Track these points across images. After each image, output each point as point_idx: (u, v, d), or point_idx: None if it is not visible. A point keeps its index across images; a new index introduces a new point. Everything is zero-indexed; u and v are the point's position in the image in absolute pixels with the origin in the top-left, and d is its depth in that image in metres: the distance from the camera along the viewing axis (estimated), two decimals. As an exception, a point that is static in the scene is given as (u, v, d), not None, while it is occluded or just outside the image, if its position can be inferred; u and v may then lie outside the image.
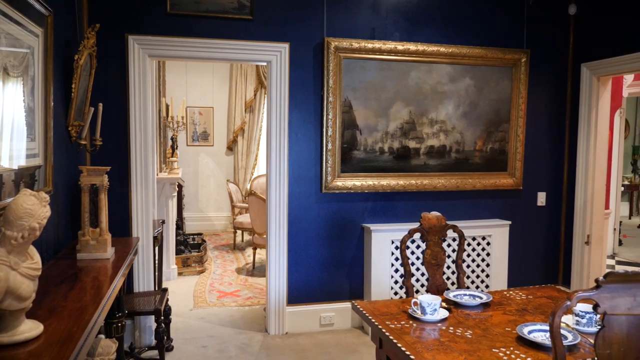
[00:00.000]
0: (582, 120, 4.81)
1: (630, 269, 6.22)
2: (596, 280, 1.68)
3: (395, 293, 4.34)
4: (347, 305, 4.33)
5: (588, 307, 2.23)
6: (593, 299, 1.68)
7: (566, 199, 5.00)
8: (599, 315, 1.69)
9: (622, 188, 8.74)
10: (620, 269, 6.48)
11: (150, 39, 3.90)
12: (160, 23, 3.93)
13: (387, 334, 2.24)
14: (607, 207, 6.03)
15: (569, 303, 1.67)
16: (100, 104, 3.48)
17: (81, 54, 3.09)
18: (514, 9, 4.70)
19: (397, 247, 4.29)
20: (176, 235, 6.25)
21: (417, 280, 4.37)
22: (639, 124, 11.31)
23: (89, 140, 3.61)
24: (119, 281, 2.53)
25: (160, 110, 6.32)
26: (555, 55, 4.89)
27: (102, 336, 2.97)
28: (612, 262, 7.04)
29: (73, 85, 3.09)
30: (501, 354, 2.02)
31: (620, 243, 7.85)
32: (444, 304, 2.56)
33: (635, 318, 1.70)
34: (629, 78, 6.75)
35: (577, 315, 2.28)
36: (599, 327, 1.71)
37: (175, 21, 3.96)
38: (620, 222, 7.98)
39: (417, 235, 3.13)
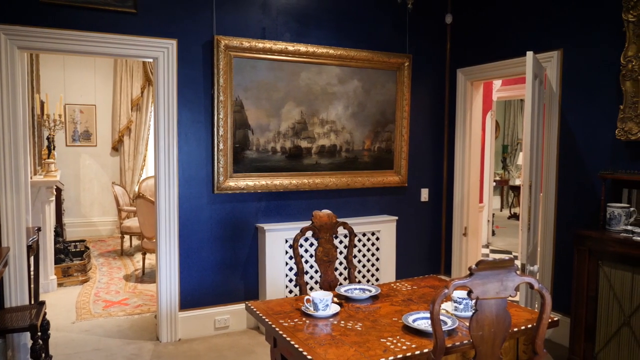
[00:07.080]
0: (458, 122, 5.20)
1: (500, 256, 6.86)
2: (469, 269, 1.83)
3: (290, 291, 4.39)
4: (242, 306, 4.29)
5: (464, 294, 2.42)
6: (467, 285, 1.83)
7: (446, 194, 5.38)
8: (473, 301, 1.84)
9: (494, 183, 9.62)
10: (493, 256, 7.12)
11: (19, 29, 3.56)
12: (32, 12, 3.60)
13: (280, 332, 2.26)
14: (481, 201, 6.59)
15: (446, 291, 1.80)
16: (-41, 100, 3.12)
17: None
18: (397, 15, 4.95)
19: (290, 246, 4.34)
20: (55, 243, 5.79)
21: (311, 277, 4.45)
22: (508, 125, 12.49)
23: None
24: (-15, 296, 2.29)
25: (33, 107, 5.80)
26: (435, 60, 5.24)
27: (-34, 359, 2.67)
28: (486, 250, 7.70)
29: None
30: (388, 343, 2.12)
31: (493, 233, 8.63)
32: (335, 299, 2.64)
33: (502, 301, 1.88)
34: (497, 83, 7.44)
35: (455, 301, 2.47)
36: (474, 311, 1.87)
37: (50, 11, 3.65)
38: (493, 214, 8.78)
39: (309, 233, 3.19)
